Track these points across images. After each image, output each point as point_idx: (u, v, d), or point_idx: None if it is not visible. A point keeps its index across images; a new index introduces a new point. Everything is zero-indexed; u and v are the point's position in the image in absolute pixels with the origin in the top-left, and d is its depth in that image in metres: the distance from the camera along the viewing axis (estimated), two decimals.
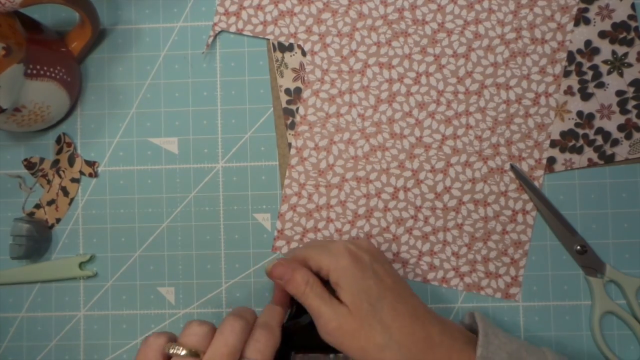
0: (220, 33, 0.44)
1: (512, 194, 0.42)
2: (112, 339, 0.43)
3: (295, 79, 0.44)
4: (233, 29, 0.44)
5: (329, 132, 0.43)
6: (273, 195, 0.43)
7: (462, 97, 0.43)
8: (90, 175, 0.44)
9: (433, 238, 0.42)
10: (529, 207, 0.42)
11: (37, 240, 0.43)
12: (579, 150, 0.42)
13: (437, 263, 0.42)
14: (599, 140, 0.42)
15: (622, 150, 0.42)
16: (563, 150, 0.42)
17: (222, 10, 0.44)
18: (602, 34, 0.42)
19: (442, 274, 0.42)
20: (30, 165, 0.44)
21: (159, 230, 0.44)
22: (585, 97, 0.42)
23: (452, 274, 0.42)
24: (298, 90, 0.43)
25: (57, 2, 0.37)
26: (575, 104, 0.42)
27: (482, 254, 0.42)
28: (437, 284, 0.42)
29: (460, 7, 0.43)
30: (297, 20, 0.44)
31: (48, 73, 0.39)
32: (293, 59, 0.44)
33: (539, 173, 0.42)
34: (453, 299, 0.42)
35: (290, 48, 0.44)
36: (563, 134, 0.42)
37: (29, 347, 0.44)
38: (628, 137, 0.42)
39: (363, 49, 0.43)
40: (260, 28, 0.44)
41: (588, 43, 0.42)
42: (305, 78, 0.43)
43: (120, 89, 0.45)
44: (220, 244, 0.43)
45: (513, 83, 0.42)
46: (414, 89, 0.43)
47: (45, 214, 0.44)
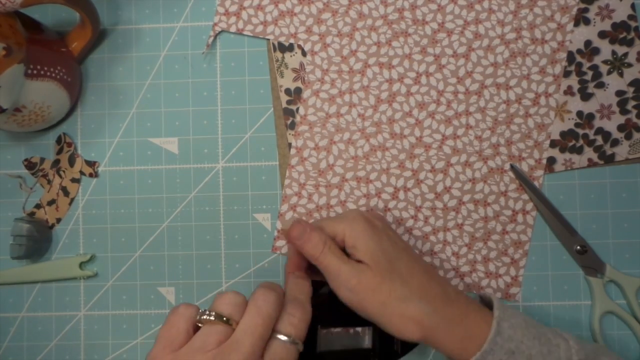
0: (221, 33, 0.44)
1: (512, 194, 0.42)
2: (112, 339, 0.43)
3: (296, 79, 0.44)
4: (233, 29, 0.44)
5: (329, 132, 0.43)
6: (273, 195, 0.43)
7: (462, 97, 0.43)
8: (91, 175, 0.44)
9: (433, 238, 0.42)
10: (529, 207, 0.42)
11: (37, 240, 0.43)
12: (579, 150, 0.42)
13: (437, 263, 0.42)
14: (599, 140, 0.42)
15: (622, 150, 0.42)
16: (563, 150, 0.42)
17: (222, 11, 0.44)
18: (602, 34, 0.42)
19: (442, 274, 0.42)
20: (31, 165, 0.44)
21: (159, 230, 0.44)
22: (585, 97, 0.42)
23: (452, 274, 0.42)
24: (298, 90, 0.43)
25: (57, 2, 0.37)
26: (575, 104, 0.42)
27: (482, 254, 0.42)
28: None
29: (461, 7, 0.43)
30: (297, 21, 0.44)
31: (48, 73, 0.39)
32: (293, 59, 0.44)
33: (539, 173, 0.42)
34: None
35: (291, 48, 0.44)
36: (563, 134, 0.42)
37: (30, 347, 0.44)
38: (628, 137, 0.42)
39: (363, 49, 0.43)
40: (261, 28, 0.44)
41: (588, 43, 0.42)
42: (306, 78, 0.43)
43: (121, 89, 0.45)
44: (220, 244, 0.43)
45: (513, 83, 0.42)
46: (414, 89, 0.43)
47: (46, 214, 0.44)
